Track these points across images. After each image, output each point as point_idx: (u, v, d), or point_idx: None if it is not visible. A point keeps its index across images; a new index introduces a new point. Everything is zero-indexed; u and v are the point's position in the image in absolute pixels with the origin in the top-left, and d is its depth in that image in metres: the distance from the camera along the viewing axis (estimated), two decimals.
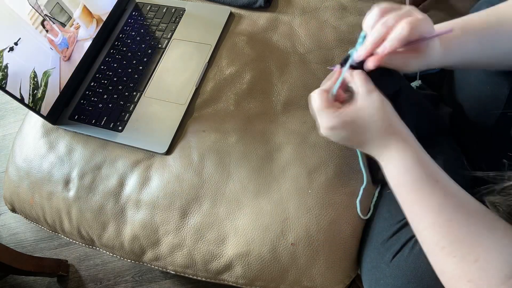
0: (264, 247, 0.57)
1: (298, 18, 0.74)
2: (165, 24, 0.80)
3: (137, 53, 0.77)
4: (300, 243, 0.56)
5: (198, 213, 0.62)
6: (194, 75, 0.72)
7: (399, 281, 0.49)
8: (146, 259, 0.64)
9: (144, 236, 0.63)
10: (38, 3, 0.69)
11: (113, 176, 0.68)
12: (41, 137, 0.75)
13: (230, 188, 0.62)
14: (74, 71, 0.76)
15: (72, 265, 1.21)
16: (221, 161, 0.64)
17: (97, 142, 0.71)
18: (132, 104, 0.72)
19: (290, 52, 0.71)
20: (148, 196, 0.65)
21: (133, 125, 0.70)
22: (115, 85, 0.75)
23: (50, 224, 0.71)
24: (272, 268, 0.57)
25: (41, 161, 0.72)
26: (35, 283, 1.20)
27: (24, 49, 0.67)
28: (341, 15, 0.72)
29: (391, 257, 0.51)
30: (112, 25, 0.82)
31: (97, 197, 0.67)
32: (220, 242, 0.59)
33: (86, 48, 0.77)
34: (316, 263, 0.56)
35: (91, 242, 0.69)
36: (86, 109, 0.74)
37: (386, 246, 0.53)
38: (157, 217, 0.63)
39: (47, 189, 0.70)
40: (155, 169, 0.66)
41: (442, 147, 0.62)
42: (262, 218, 0.59)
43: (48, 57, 0.71)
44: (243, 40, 0.75)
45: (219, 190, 0.62)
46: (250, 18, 0.77)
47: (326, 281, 0.56)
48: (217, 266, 0.59)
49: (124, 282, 1.15)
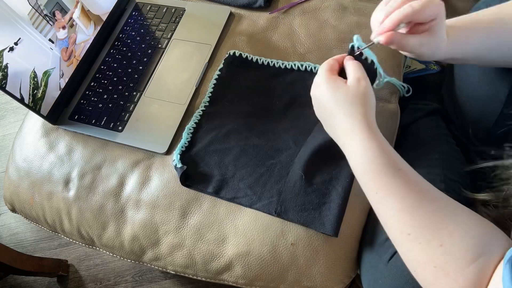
0: (264, 247, 0.57)
1: (298, 18, 0.74)
2: (165, 24, 0.80)
3: (137, 53, 0.77)
4: (300, 243, 0.56)
5: (198, 213, 0.62)
6: (194, 75, 0.72)
7: (397, 281, 0.49)
8: (146, 259, 0.64)
9: (144, 236, 0.63)
10: (38, 3, 0.69)
11: (113, 176, 0.68)
12: (41, 137, 0.75)
13: None
14: (74, 71, 0.76)
15: (72, 265, 1.21)
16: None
17: (97, 142, 0.71)
18: (132, 104, 0.72)
19: (290, 52, 0.71)
20: (148, 196, 0.65)
21: (133, 125, 0.70)
22: (115, 85, 0.75)
23: (50, 224, 0.71)
24: (272, 268, 0.57)
25: (41, 161, 0.72)
26: (35, 283, 1.20)
27: (24, 49, 0.67)
28: (341, 15, 0.72)
29: (389, 257, 0.51)
30: (112, 25, 0.82)
31: (97, 197, 0.67)
32: (220, 242, 0.59)
33: (86, 48, 0.77)
34: (316, 263, 0.56)
35: (91, 242, 0.69)
36: (86, 109, 0.74)
37: (385, 246, 0.53)
38: (157, 217, 0.63)
39: (47, 189, 0.70)
40: (155, 169, 0.66)
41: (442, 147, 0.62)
42: (262, 218, 0.59)
43: (48, 57, 0.71)
44: (243, 40, 0.75)
45: None
46: (250, 18, 0.77)
47: (326, 281, 0.56)
48: (217, 266, 0.59)
49: (124, 282, 1.15)
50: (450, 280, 0.38)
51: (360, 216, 0.58)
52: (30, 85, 0.68)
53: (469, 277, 0.37)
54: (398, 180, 0.44)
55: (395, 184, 0.44)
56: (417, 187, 0.43)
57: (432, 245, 0.40)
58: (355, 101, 0.48)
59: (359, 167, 0.47)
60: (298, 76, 0.68)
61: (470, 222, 0.40)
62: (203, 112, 0.68)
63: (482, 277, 0.37)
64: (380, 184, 0.45)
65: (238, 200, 0.60)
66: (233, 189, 0.61)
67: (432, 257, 0.40)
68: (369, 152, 0.46)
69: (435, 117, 0.68)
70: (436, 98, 0.72)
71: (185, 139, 0.65)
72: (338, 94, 0.49)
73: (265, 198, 0.59)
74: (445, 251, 0.39)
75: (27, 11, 0.67)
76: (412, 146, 0.65)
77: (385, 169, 0.44)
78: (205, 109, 0.68)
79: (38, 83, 0.69)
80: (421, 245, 0.41)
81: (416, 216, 0.42)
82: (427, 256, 0.40)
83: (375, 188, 0.45)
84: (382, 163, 0.45)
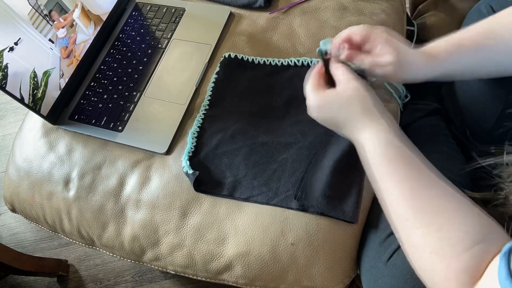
0: (264, 247, 0.57)
1: (298, 18, 0.74)
2: (165, 24, 0.80)
3: (137, 53, 0.77)
4: (300, 243, 0.56)
5: (198, 213, 0.62)
6: (194, 75, 0.72)
7: (396, 280, 0.49)
8: (146, 259, 0.64)
9: (144, 236, 0.63)
10: (38, 3, 0.69)
11: (113, 176, 0.68)
12: (41, 137, 0.75)
13: None
14: (74, 71, 0.76)
15: (72, 265, 1.21)
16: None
17: (97, 142, 0.71)
18: (132, 104, 0.72)
19: (290, 52, 0.71)
20: (148, 196, 0.65)
21: (133, 125, 0.70)
22: (115, 85, 0.75)
23: (50, 224, 0.71)
24: (272, 268, 0.57)
25: (41, 161, 0.72)
26: (35, 283, 1.20)
27: (24, 49, 0.67)
28: (341, 15, 0.72)
29: (388, 257, 0.51)
30: (112, 25, 0.82)
31: (97, 197, 0.67)
32: (220, 242, 0.59)
33: (86, 48, 0.77)
34: (316, 263, 0.56)
35: (91, 242, 0.69)
36: (86, 109, 0.74)
37: (384, 245, 0.53)
38: (157, 217, 0.63)
39: (47, 189, 0.70)
40: (155, 169, 0.66)
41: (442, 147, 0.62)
42: (262, 218, 0.59)
43: (48, 57, 0.71)
44: (243, 40, 0.75)
45: None
46: (250, 18, 0.77)
47: (326, 281, 0.56)
48: (217, 266, 0.59)
49: (124, 282, 1.15)
50: (445, 265, 0.39)
51: (360, 216, 0.58)
52: (30, 85, 0.68)
53: (463, 263, 0.38)
54: (402, 166, 0.45)
55: (398, 170, 0.45)
56: (419, 173, 0.44)
57: (429, 230, 0.41)
58: (352, 101, 0.49)
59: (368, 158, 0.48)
60: (296, 72, 0.68)
61: (469, 211, 0.41)
62: (204, 115, 0.68)
63: (476, 265, 0.37)
64: (385, 171, 0.46)
65: (254, 199, 0.60)
66: (248, 188, 0.60)
67: (429, 241, 0.40)
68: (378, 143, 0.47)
69: (435, 117, 0.68)
70: (436, 98, 0.72)
71: (190, 145, 0.65)
72: (334, 104, 0.50)
73: (281, 192, 0.59)
74: (442, 236, 0.40)
75: (27, 10, 0.67)
76: None
77: (392, 156, 0.45)
78: (206, 112, 0.68)
79: (38, 83, 0.69)
80: (419, 230, 0.41)
81: (415, 202, 0.43)
82: (424, 240, 0.41)
83: (381, 175, 0.46)
84: (391, 150, 0.46)
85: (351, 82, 0.49)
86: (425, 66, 0.50)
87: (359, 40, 0.50)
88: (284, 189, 0.59)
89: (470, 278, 0.37)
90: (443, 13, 0.80)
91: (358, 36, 0.50)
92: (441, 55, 0.49)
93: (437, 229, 0.40)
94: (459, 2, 0.79)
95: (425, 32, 0.81)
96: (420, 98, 0.71)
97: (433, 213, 0.41)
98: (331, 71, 0.52)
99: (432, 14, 0.82)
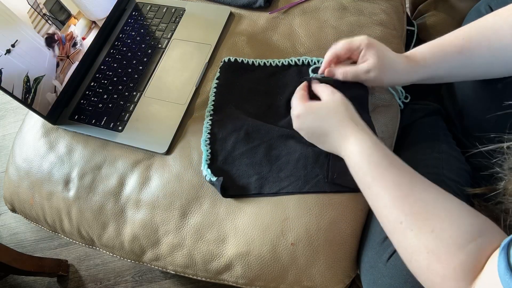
0: (264, 247, 0.57)
1: (298, 18, 0.74)
2: (165, 24, 0.80)
3: (137, 53, 0.77)
4: (300, 243, 0.56)
5: (198, 213, 0.62)
6: (194, 75, 0.72)
7: (396, 280, 0.49)
8: (146, 259, 0.64)
9: (144, 236, 0.63)
10: (37, 2, 0.69)
11: (113, 176, 0.68)
12: (41, 137, 0.75)
13: None
14: (74, 71, 0.76)
15: (72, 265, 1.21)
16: None
17: (97, 142, 0.71)
18: (132, 104, 0.72)
19: (290, 52, 0.71)
20: (148, 196, 0.65)
21: (133, 125, 0.70)
22: (115, 85, 0.75)
23: (50, 224, 0.71)
24: (272, 268, 0.57)
25: (41, 161, 0.72)
26: (35, 283, 1.20)
27: (21, 50, 0.67)
28: (341, 15, 0.72)
29: (388, 257, 0.51)
30: (112, 25, 0.82)
31: (97, 197, 0.67)
32: (220, 242, 0.59)
33: (86, 47, 0.77)
34: (316, 263, 0.56)
35: (91, 242, 0.69)
36: (86, 109, 0.74)
37: (384, 246, 0.53)
38: (157, 217, 0.63)
39: (47, 189, 0.70)
40: (155, 169, 0.66)
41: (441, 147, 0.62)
42: (262, 218, 0.59)
43: (45, 58, 0.71)
44: (243, 40, 0.75)
45: None
46: (250, 18, 0.77)
47: (326, 281, 0.56)
48: (217, 266, 0.59)
49: (124, 282, 1.15)
50: (443, 265, 0.39)
51: (360, 216, 0.58)
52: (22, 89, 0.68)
53: (461, 261, 0.38)
54: (391, 172, 0.46)
55: (388, 176, 0.46)
56: (409, 177, 0.46)
57: (423, 232, 0.41)
58: (338, 109, 0.52)
59: (356, 166, 0.49)
60: (297, 70, 0.68)
61: (461, 211, 0.42)
62: (211, 121, 0.67)
63: (474, 262, 0.38)
64: (374, 177, 0.47)
65: (284, 190, 0.60)
66: (275, 182, 0.60)
67: (424, 243, 0.41)
68: (365, 149, 0.48)
69: (435, 117, 0.68)
70: (436, 98, 0.72)
71: (206, 152, 0.64)
72: (320, 111, 0.54)
73: (311, 178, 0.59)
74: (436, 237, 0.40)
75: (26, 10, 0.67)
76: (412, 146, 0.65)
77: (378, 162, 0.47)
78: (213, 118, 0.67)
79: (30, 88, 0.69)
80: (413, 232, 0.42)
81: (407, 205, 0.43)
82: (419, 242, 0.41)
83: (370, 181, 0.47)
84: (375, 157, 0.47)
85: (335, 92, 0.54)
86: (408, 70, 0.52)
87: (345, 54, 0.55)
88: (312, 174, 0.59)
89: (469, 275, 0.38)
90: (443, 13, 0.80)
91: (342, 51, 0.55)
92: (424, 59, 0.52)
93: (431, 230, 0.41)
94: (459, 2, 0.79)
95: (425, 32, 0.81)
96: (420, 98, 0.71)
97: (426, 215, 0.42)
98: (314, 90, 0.57)
99: (432, 14, 0.82)
